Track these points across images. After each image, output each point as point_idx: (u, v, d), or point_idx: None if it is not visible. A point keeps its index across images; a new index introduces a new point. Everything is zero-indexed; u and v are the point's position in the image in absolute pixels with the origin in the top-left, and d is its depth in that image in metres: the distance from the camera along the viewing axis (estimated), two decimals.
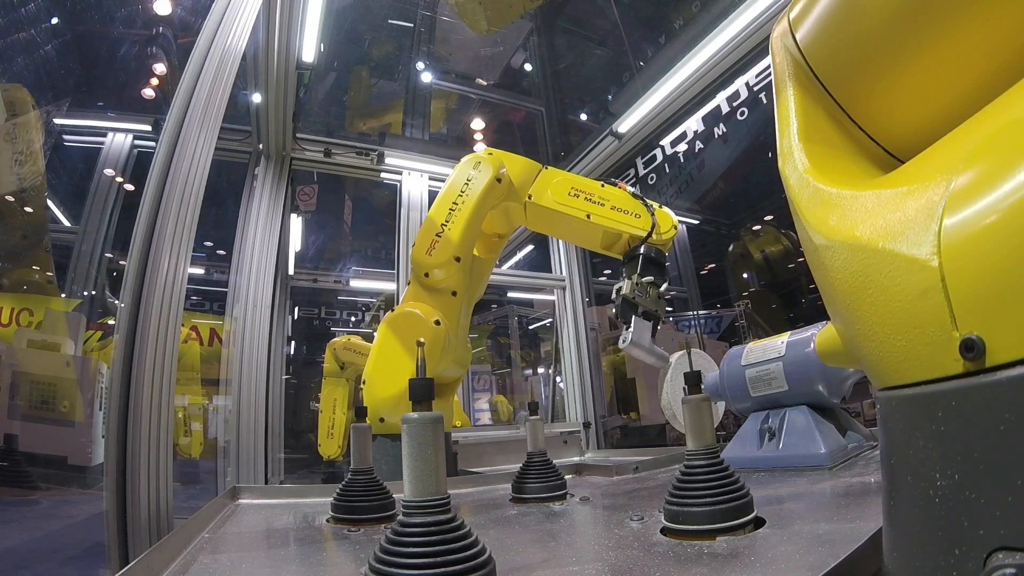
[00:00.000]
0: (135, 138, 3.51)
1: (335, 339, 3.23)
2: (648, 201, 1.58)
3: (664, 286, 1.51)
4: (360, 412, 0.99)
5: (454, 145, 4.72)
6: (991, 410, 0.26)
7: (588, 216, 1.57)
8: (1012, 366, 0.26)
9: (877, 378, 0.36)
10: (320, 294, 5.16)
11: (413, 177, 3.30)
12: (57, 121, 3.33)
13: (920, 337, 0.31)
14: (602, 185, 1.62)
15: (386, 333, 1.46)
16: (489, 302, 5.84)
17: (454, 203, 1.53)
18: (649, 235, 1.51)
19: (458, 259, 1.50)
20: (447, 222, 1.51)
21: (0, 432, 2.41)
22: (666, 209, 1.59)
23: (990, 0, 0.38)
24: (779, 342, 1.23)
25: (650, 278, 1.48)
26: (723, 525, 0.62)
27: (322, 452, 3.23)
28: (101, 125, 3.55)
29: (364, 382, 1.45)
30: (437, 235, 1.51)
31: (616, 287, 1.50)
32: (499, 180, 1.56)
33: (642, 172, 3.49)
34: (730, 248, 5.74)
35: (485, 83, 4.79)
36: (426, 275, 1.51)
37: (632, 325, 1.45)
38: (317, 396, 3.40)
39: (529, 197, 1.60)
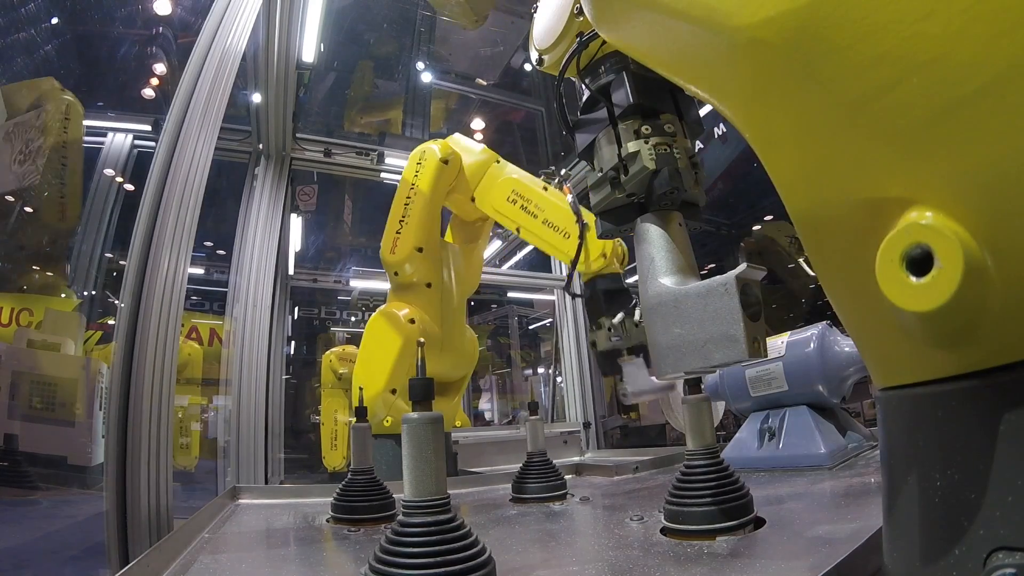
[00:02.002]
0: (135, 138, 3.51)
1: (330, 350, 3.27)
2: (585, 218, 1.31)
3: (638, 309, 1.24)
4: (360, 412, 0.99)
5: None
6: (991, 410, 0.26)
7: (518, 229, 1.46)
8: (1013, 367, 0.26)
9: (878, 377, 0.36)
10: (320, 294, 5.16)
11: None
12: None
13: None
14: (544, 188, 1.45)
15: (366, 335, 1.50)
16: (489, 302, 5.84)
17: (408, 197, 1.53)
18: (575, 261, 1.28)
19: (420, 249, 1.50)
20: (404, 217, 1.51)
21: (0, 432, 2.41)
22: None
23: None
24: (779, 342, 1.23)
25: (620, 315, 1.25)
26: (723, 525, 0.62)
27: (327, 464, 3.25)
28: (101, 125, 3.55)
29: (360, 388, 1.48)
30: (397, 232, 1.51)
31: (590, 341, 1.34)
32: (446, 162, 1.51)
33: None
34: (742, 244, 5.63)
35: (485, 83, 4.79)
36: (396, 273, 1.53)
37: (624, 376, 1.25)
38: (316, 408, 3.41)
39: (473, 199, 1.56)
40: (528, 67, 4.84)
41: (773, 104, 0.33)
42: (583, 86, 0.66)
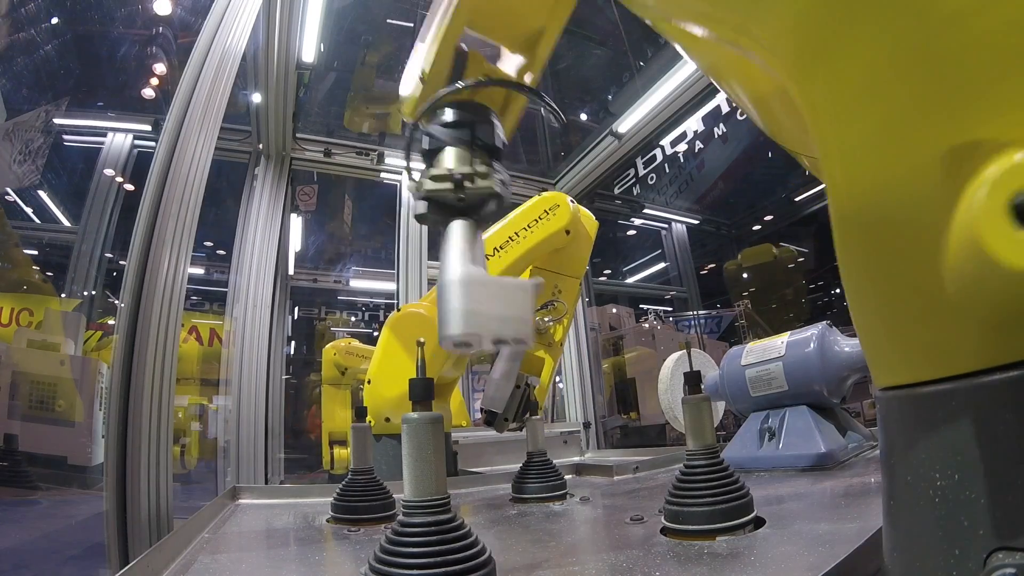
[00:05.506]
0: (135, 138, 3.51)
1: (334, 342, 3.09)
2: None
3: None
4: (360, 412, 0.99)
5: None
6: (991, 410, 0.26)
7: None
8: (1012, 367, 0.26)
9: (878, 377, 0.36)
10: (320, 294, 5.16)
11: None
12: (57, 121, 3.33)
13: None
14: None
15: (390, 334, 1.46)
16: None
17: (516, 233, 1.51)
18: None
19: None
20: (502, 248, 1.49)
21: (0, 432, 2.41)
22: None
23: None
24: (779, 342, 1.23)
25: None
26: (723, 525, 0.62)
27: (327, 466, 3.14)
28: (101, 125, 3.55)
29: (368, 381, 1.46)
30: (487, 257, 1.51)
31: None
32: (568, 232, 1.53)
33: (642, 172, 3.50)
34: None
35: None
36: None
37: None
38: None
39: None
40: None
41: (836, 44, 0.27)
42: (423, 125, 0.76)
